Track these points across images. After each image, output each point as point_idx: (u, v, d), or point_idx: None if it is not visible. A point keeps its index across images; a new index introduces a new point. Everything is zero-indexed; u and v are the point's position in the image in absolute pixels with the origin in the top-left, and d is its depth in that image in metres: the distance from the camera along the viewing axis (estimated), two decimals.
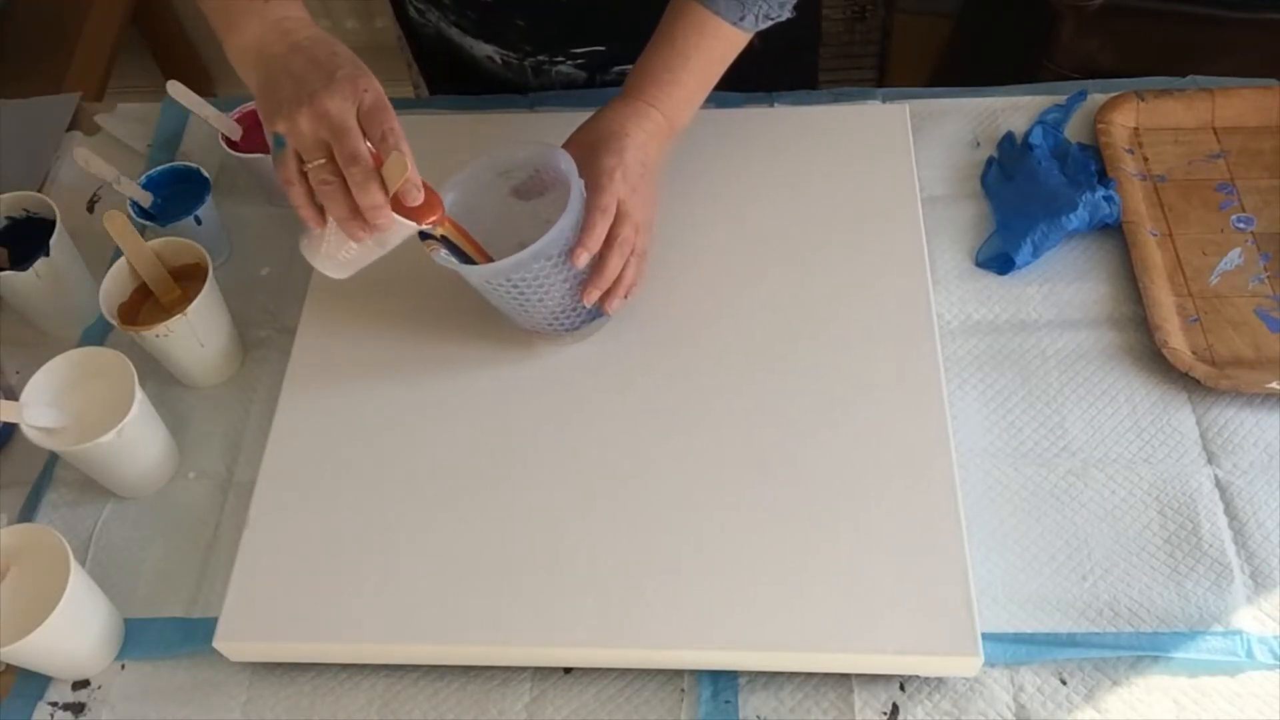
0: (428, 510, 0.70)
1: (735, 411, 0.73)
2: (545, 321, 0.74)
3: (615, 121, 0.73)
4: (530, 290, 0.70)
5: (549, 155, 0.71)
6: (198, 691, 0.69)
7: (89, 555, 0.74)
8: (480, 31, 0.91)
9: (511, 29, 0.90)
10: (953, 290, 0.82)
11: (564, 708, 0.66)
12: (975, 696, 0.65)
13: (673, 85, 0.74)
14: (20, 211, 0.84)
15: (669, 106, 0.74)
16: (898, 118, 0.87)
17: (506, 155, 0.73)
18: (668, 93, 0.74)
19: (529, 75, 0.95)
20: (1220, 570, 0.68)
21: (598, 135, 0.73)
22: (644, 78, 0.75)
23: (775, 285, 0.79)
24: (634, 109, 0.74)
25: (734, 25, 0.74)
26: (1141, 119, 0.89)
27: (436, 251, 0.69)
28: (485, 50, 0.93)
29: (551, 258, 0.68)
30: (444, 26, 0.93)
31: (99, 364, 0.74)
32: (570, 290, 0.71)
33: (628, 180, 0.71)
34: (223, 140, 0.87)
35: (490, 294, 0.71)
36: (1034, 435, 0.74)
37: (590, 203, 0.70)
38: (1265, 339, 0.77)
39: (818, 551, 0.66)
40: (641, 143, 0.73)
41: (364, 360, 0.78)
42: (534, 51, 0.92)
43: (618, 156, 0.71)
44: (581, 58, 0.92)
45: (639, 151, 0.72)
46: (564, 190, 0.69)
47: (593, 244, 0.69)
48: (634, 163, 0.72)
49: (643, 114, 0.74)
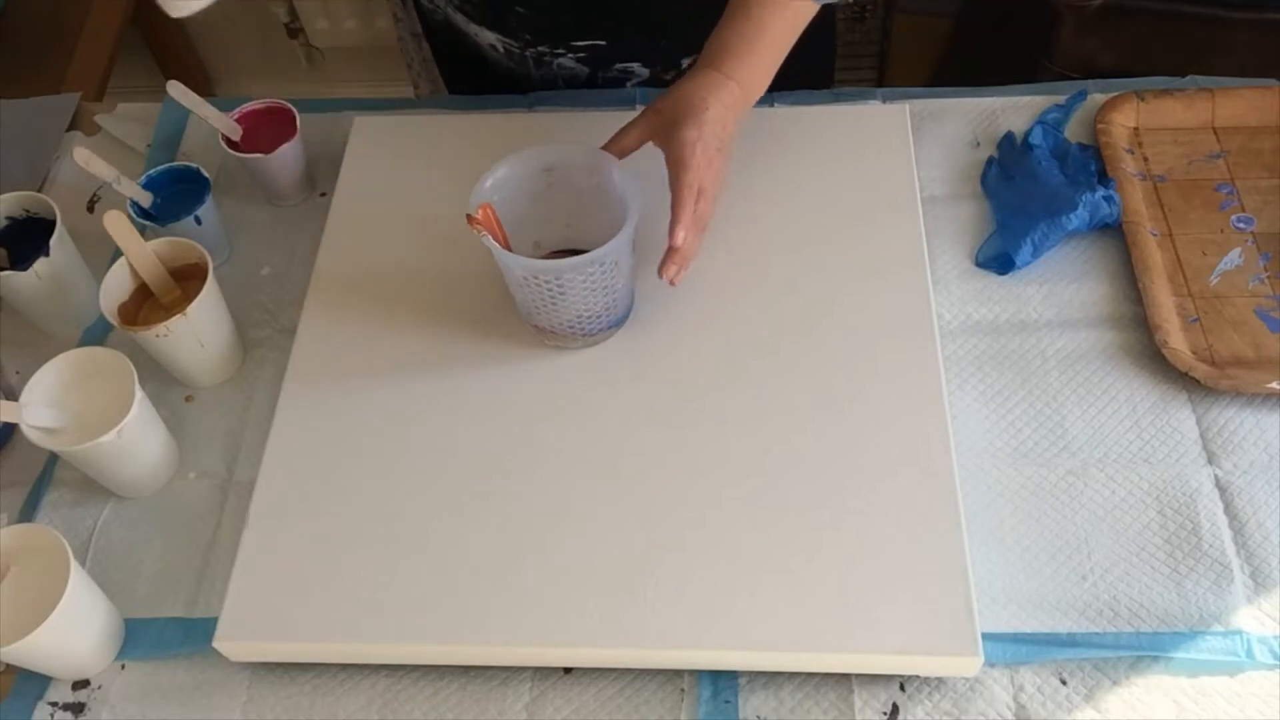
0: (428, 510, 0.70)
1: (735, 411, 0.73)
2: (567, 324, 0.74)
3: (697, 93, 0.73)
4: (571, 291, 0.70)
5: (602, 162, 0.72)
6: (198, 691, 0.69)
7: (89, 555, 0.74)
8: (482, 18, 0.92)
9: (511, 15, 0.90)
10: (953, 290, 0.82)
11: (564, 708, 0.66)
12: (975, 696, 0.65)
13: (749, 57, 0.75)
14: (20, 211, 0.84)
15: (746, 78, 0.75)
16: (898, 118, 0.87)
17: (558, 150, 0.74)
18: (745, 64, 0.75)
19: (530, 66, 0.95)
20: (1220, 570, 0.68)
21: (679, 107, 0.73)
22: (720, 49, 0.75)
23: (775, 285, 0.79)
24: (713, 80, 0.74)
25: None
26: (1141, 119, 0.89)
27: (483, 235, 0.69)
28: (489, 38, 0.93)
29: (605, 264, 0.69)
30: (450, 12, 0.94)
31: (99, 364, 0.74)
32: (605, 296, 0.72)
33: (707, 154, 0.72)
34: (223, 140, 0.87)
35: (524, 287, 0.71)
36: (1034, 435, 0.74)
37: (680, 180, 0.70)
38: (1265, 339, 0.77)
39: (818, 551, 0.66)
40: (720, 115, 0.73)
41: (364, 360, 0.78)
42: (534, 41, 0.92)
43: (698, 130, 0.72)
44: (582, 51, 0.92)
45: (717, 125, 0.73)
46: (578, 195, 0.69)
47: (689, 221, 0.70)
48: (713, 135, 0.72)
49: (721, 85, 0.74)
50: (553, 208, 0.76)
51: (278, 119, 0.89)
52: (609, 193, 0.73)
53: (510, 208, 0.73)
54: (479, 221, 0.69)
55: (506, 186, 0.73)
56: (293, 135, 0.87)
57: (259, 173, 0.88)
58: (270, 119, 0.89)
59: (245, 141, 0.87)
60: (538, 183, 0.75)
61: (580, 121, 0.76)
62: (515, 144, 0.75)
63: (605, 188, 0.73)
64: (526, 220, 0.75)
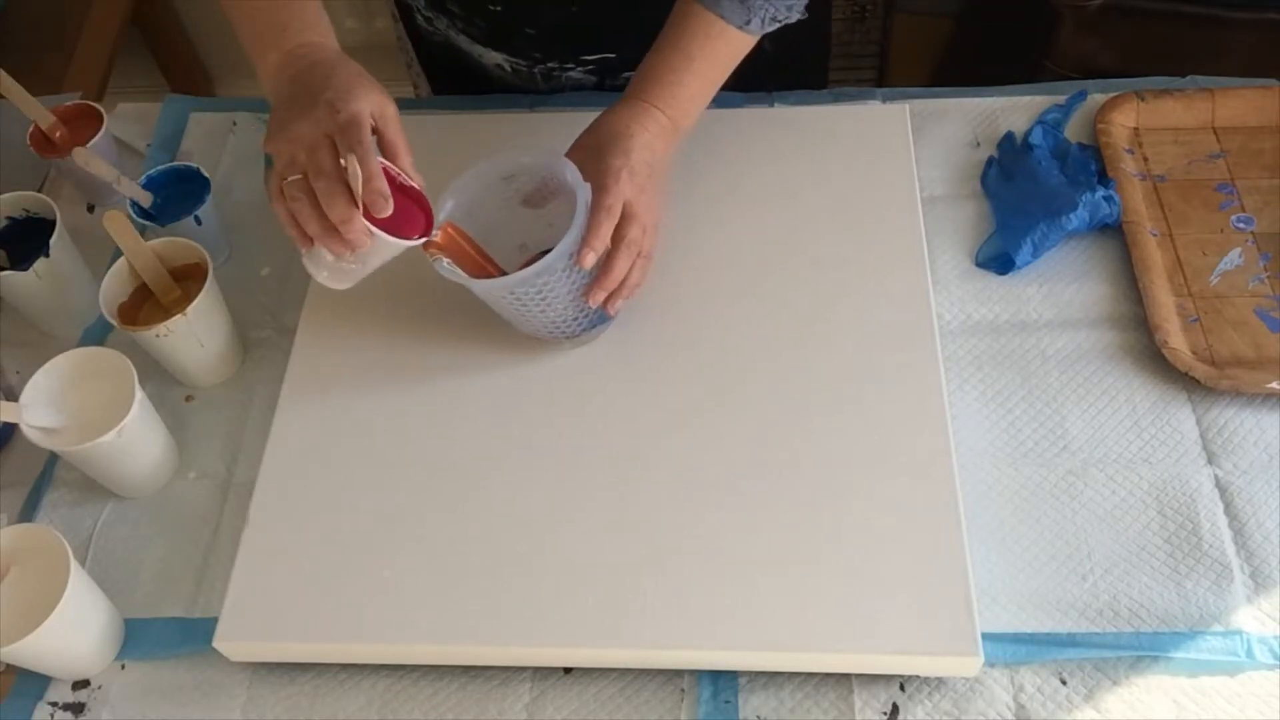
0: (427, 510, 0.70)
1: (735, 412, 0.73)
2: (546, 329, 0.74)
3: (620, 123, 0.73)
4: (533, 301, 0.70)
5: (555, 164, 0.71)
6: (198, 691, 0.69)
7: (89, 555, 0.74)
8: (490, 39, 0.91)
9: (521, 36, 0.90)
10: (953, 290, 0.82)
11: (564, 708, 0.66)
12: (975, 696, 0.65)
13: (676, 86, 0.74)
14: (20, 211, 0.84)
15: (673, 107, 0.74)
16: (898, 118, 0.87)
17: (512, 160, 0.72)
18: (672, 93, 0.74)
19: (539, 82, 0.94)
20: (1220, 570, 0.68)
21: (603, 137, 0.73)
22: (648, 80, 0.75)
23: (775, 285, 0.79)
24: (638, 110, 0.74)
25: (740, 29, 0.73)
26: (1141, 119, 0.89)
27: (439, 261, 0.69)
28: (495, 58, 0.93)
29: (555, 272, 0.68)
30: (453, 35, 0.93)
31: (99, 364, 0.74)
32: (573, 300, 0.71)
33: (635, 180, 0.71)
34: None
35: (492, 303, 0.71)
36: (1034, 435, 0.74)
37: (596, 202, 0.69)
38: (1265, 339, 0.77)
39: (818, 551, 0.66)
40: (647, 143, 0.72)
41: (364, 360, 0.78)
42: (544, 59, 0.92)
43: (624, 157, 0.71)
44: (592, 64, 0.92)
45: (645, 152, 0.72)
46: (569, 197, 0.69)
47: (599, 244, 0.68)
48: (640, 163, 0.71)
49: (647, 114, 0.73)
50: (528, 210, 0.75)
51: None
52: (571, 193, 0.72)
53: (482, 219, 0.72)
54: (437, 245, 0.68)
55: (470, 202, 0.72)
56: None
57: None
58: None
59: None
60: (502, 191, 0.74)
61: (580, 121, 0.76)
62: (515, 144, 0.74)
63: (567, 189, 0.71)
64: (504, 226, 0.74)
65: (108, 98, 1.54)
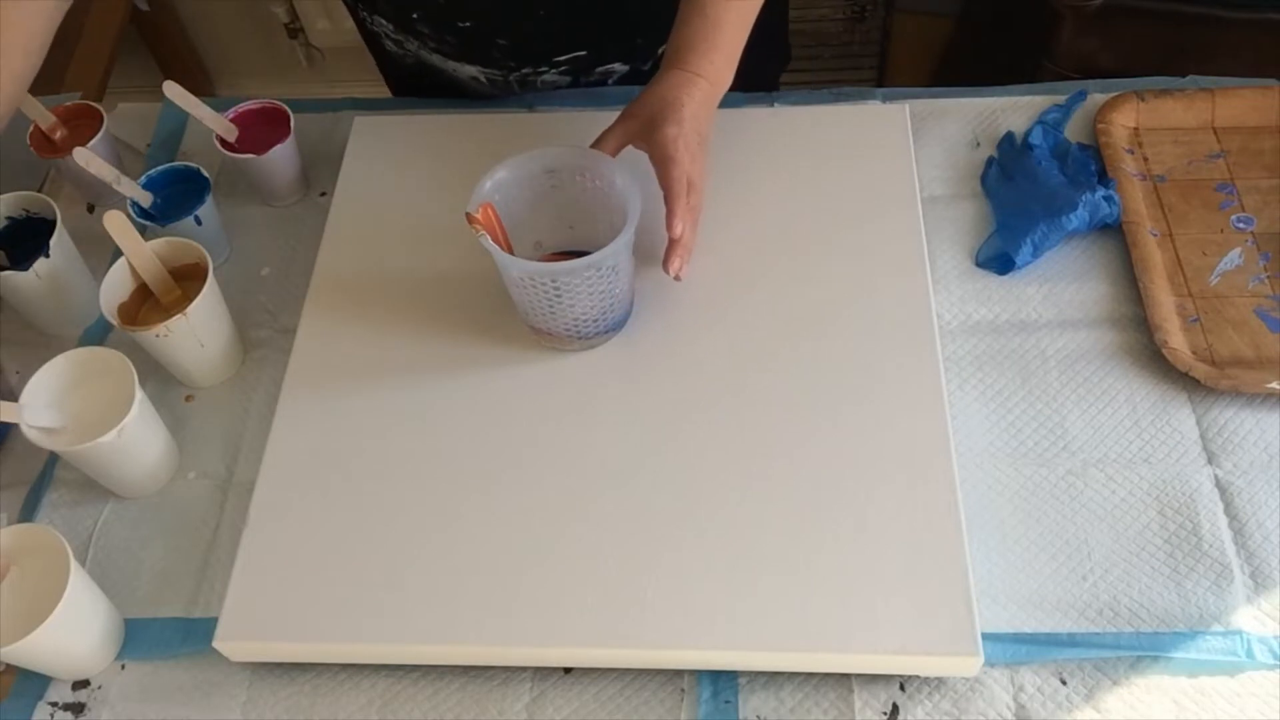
0: (428, 510, 0.70)
1: (734, 412, 0.73)
2: (564, 327, 0.74)
3: (670, 92, 0.75)
4: (569, 294, 0.70)
5: (605, 165, 0.73)
6: (198, 691, 0.69)
7: (89, 555, 0.74)
8: (462, 54, 0.92)
9: (493, 48, 0.90)
10: (953, 290, 0.82)
11: (564, 708, 0.66)
12: (975, 696, 0.65)
13: (712, 52, 0.76)
14: (20, 211, 0.84)
15: (711, 73, 0.76)
16: (898, 118, 0.87)
17: (558, 154, 0.74)
18: (709, 60, 0.76)
19: (515, 88, 0.95)
20: (1220, 570, 0.68)
21: (655, 108, 0.75)
22: (683, 49, 0.76)
23: (775, 285, 0.79)
24: (682, 79, 0.75)
25: None
26: (1141, 119, 0.89)
27: (482, 234, 0.69)
28: (469, 71, 0.93)
29: (602, 269, 0.69)
30: (424, 54, 0.94)
31: (99, 364, 0.74)
32: (602, 300, 0.72)
33: (689, 148, 0.73)
34: (217, 141, 0.87)
35: (521, 289, 0.71)
36: (1034, 435, 0.74)
37: (670, 174, 0.72)
38: (1265, 339, 0.77)
39: (818, 551, 0.66)
40: (695, 112, 0.75)
41: (364, 360, 0.78)
42: (518, 66, 0.92)
43: (678, 126, 0.73)
44: (564, 64, 0.93)
45: (695, 120, 0.74)
46: (595, 200, 0.69)
47: (684, 212, 0.72)
48: (692, 131, 0.74)
49: (691, 83, 0.75)
50: (555, 209, 0.76)
51: (272, 119, 0.89)
52: (610, 196, 0.73)
53: (511, 208, 0.73)
54: (479, 221, 0.69)
55: (507, 187, 0.73)
56: (287, 135, 0.87)
57: (253, 173, 0.88)
58: (265, 119, 0.89)
59: (240, 142, 0.87)
60: (539, 184, 0.75)
61: (580, 121, 0.76)
62: (515, 144, 0.75)
63: (607, 191, 0.73)
64: (528, 221, 0.75)
65: (108, 98, 1.54)
